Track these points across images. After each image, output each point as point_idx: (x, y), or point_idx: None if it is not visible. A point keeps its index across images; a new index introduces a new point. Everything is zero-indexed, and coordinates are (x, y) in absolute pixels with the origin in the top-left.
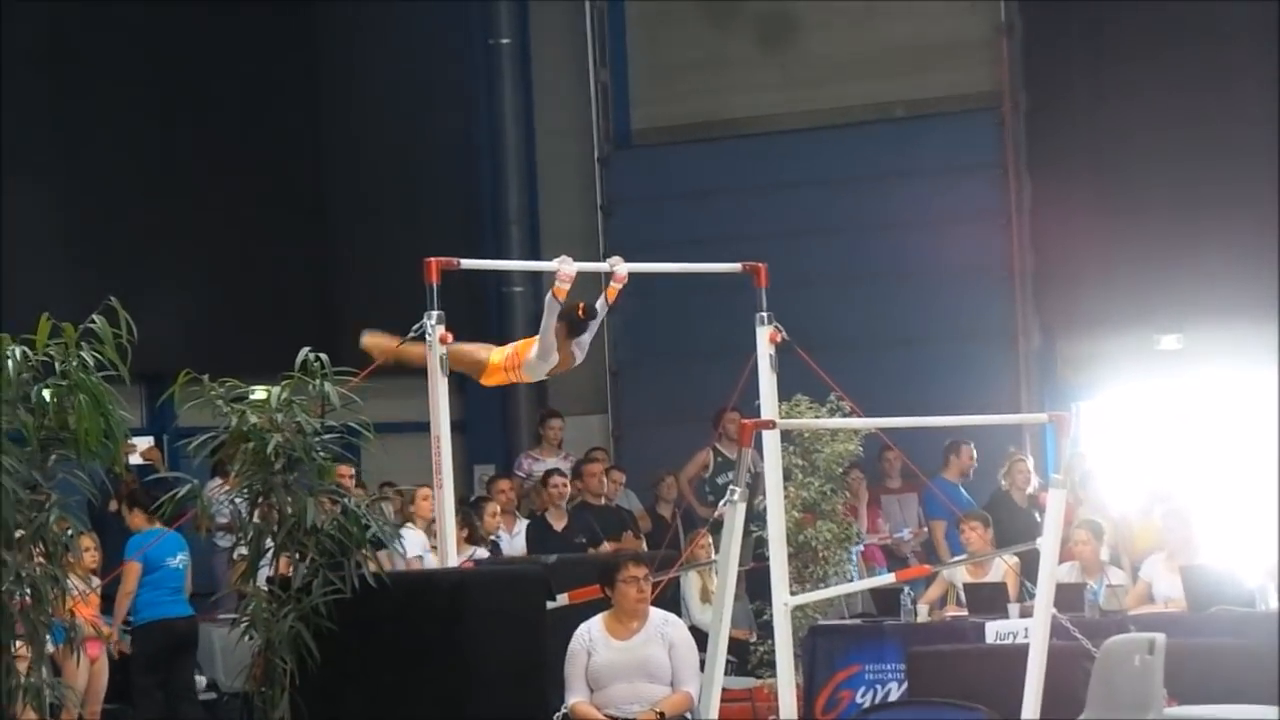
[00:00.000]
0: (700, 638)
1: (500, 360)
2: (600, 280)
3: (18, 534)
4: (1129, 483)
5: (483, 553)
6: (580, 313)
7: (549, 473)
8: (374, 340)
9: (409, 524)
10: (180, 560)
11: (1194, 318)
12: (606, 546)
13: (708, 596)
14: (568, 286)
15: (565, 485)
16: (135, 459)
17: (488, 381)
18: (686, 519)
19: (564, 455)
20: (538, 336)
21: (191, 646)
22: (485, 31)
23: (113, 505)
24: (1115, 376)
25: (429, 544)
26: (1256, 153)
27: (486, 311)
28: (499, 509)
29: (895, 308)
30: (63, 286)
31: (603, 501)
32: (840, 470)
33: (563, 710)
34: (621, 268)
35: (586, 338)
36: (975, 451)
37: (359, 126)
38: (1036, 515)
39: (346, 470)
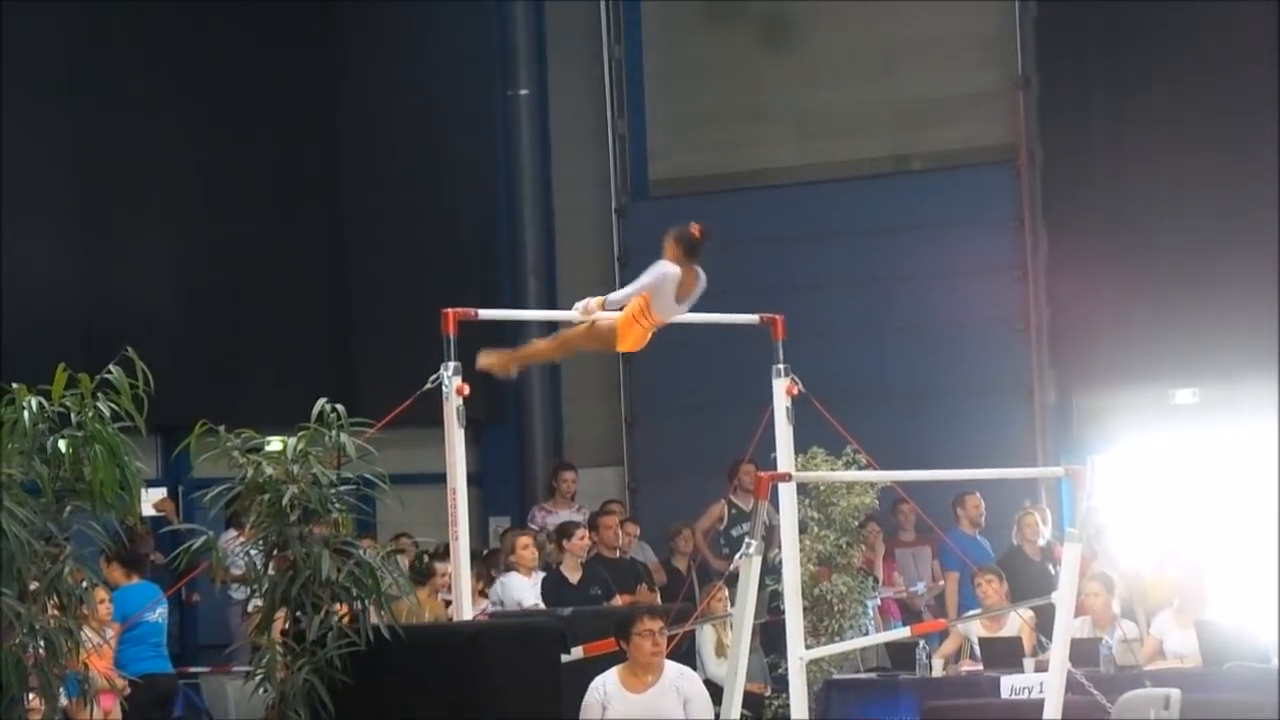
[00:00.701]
0: (715, 691)
1: (626, 315)
2: None
3: (32, 586)
4: (1142, 537)
5: (497, 605)
6: (696, 234)
7: (569, 525)
8: (489, 360)
9: (513, 570)
10: (160, 614)
11: (1210, 372)
12: (621, 600)
13: (723, 650)
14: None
15: (585, 538)
16: (148, 510)
17: (626, 345)
18: (701, 572)
19: (577, 508)
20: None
21: (172, 704)
22: (504, 82)
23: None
24: (1130, 431)
25: (532, 585)
26: (1273, 208)
27: None
28: (534, 552)
29: (911, 361)
30: (80, 337)
31: (617, 554)
32: (856, 523)
33: None
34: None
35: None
36: (982, 501)
37: (378, 175)
38: (1049, 568)
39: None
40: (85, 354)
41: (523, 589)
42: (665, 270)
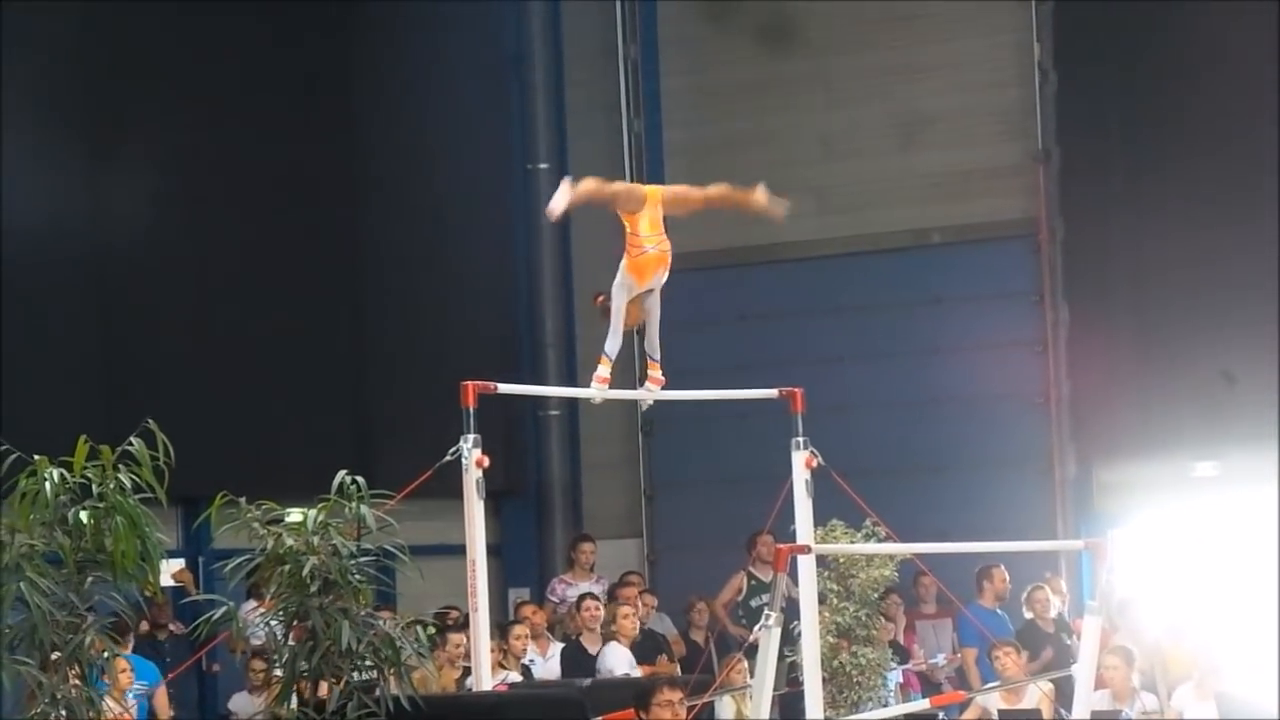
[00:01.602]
0: None
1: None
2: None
3: (54, 655)
4: (1163, 609)
5: (515, 676)
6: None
7: (583, 597)
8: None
9: (614, 640)
10: (139, 689)
11: (1230, 445)
12: (640, 670)
13: None
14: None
15: (599, 609)
16: (166, 581)
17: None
18: (720, 643)
19: (596, 579)
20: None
21: None
22: (524, 156)
23: (144, 627)
24: (1150, 504)
25: (633, 661)
26: None
27: (523, 435)
28: (526, 633)
29: (931, 434)
30: (99, 409)
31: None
32: (876, 595)
33: None
34: (651, 396)
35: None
36: (1007, 575)
37: (399, 248)
38: (1064, 639)
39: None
40: (106, 425)
41: (619, 659)
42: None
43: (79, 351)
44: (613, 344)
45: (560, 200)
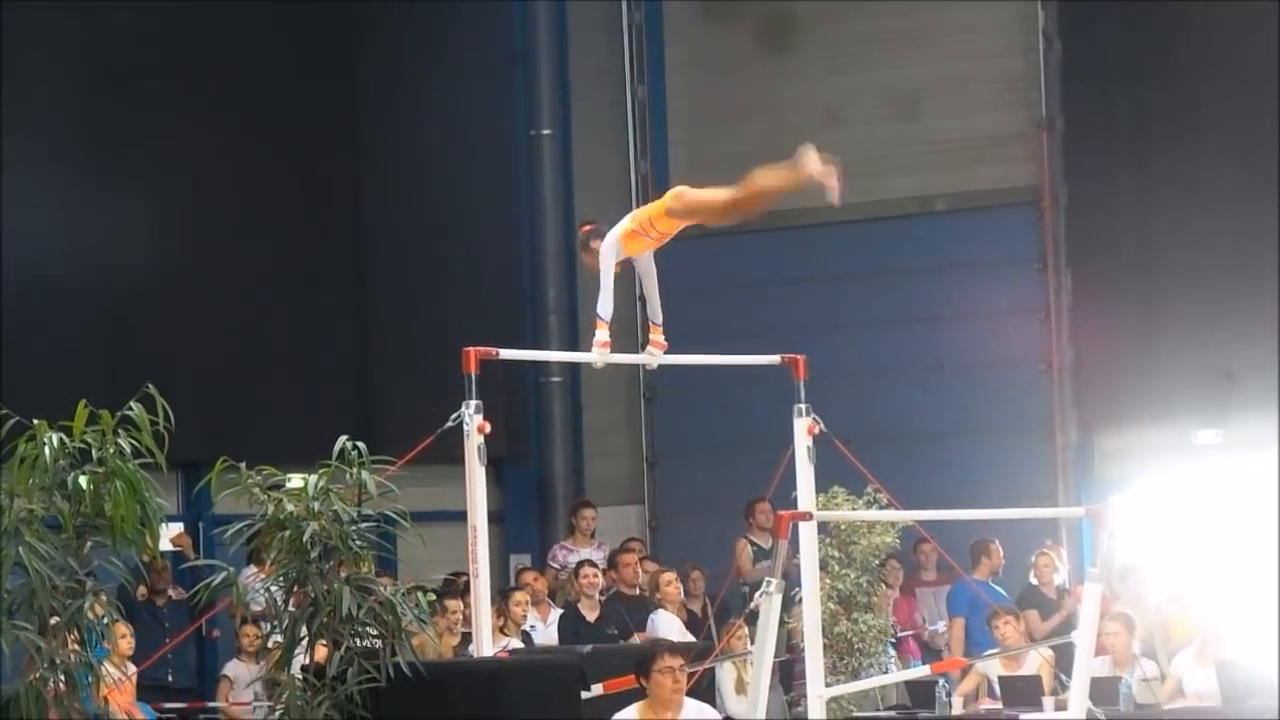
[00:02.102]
0: None
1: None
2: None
3: (53, 621)
4: (1164, 576)
5: (516, 643)
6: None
7: (580, 564)
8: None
9: (661, 608)
10: None
11: (1231, 412)
12: (639, 637)
13: (743, 687)
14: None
15: (596, 576)
16: (165, 545)
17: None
18: (721, 611)
19: (597, 545)
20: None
21: None
22: (527, 123)
23: (142, 592)
24: (1152, 471)
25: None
26: None
27: (525, 402)
28: (527, 599)
29: (933, 401)
30: (99, 374)
31: (636, 592)
32: (877, 562)
33: None
34: (655, 360)
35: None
36: (1000, 549)
37: (400, 214)
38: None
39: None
40: (107, 390)
41: (670, 627)
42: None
43: (79, 316)
44: (605, 306)
45: None
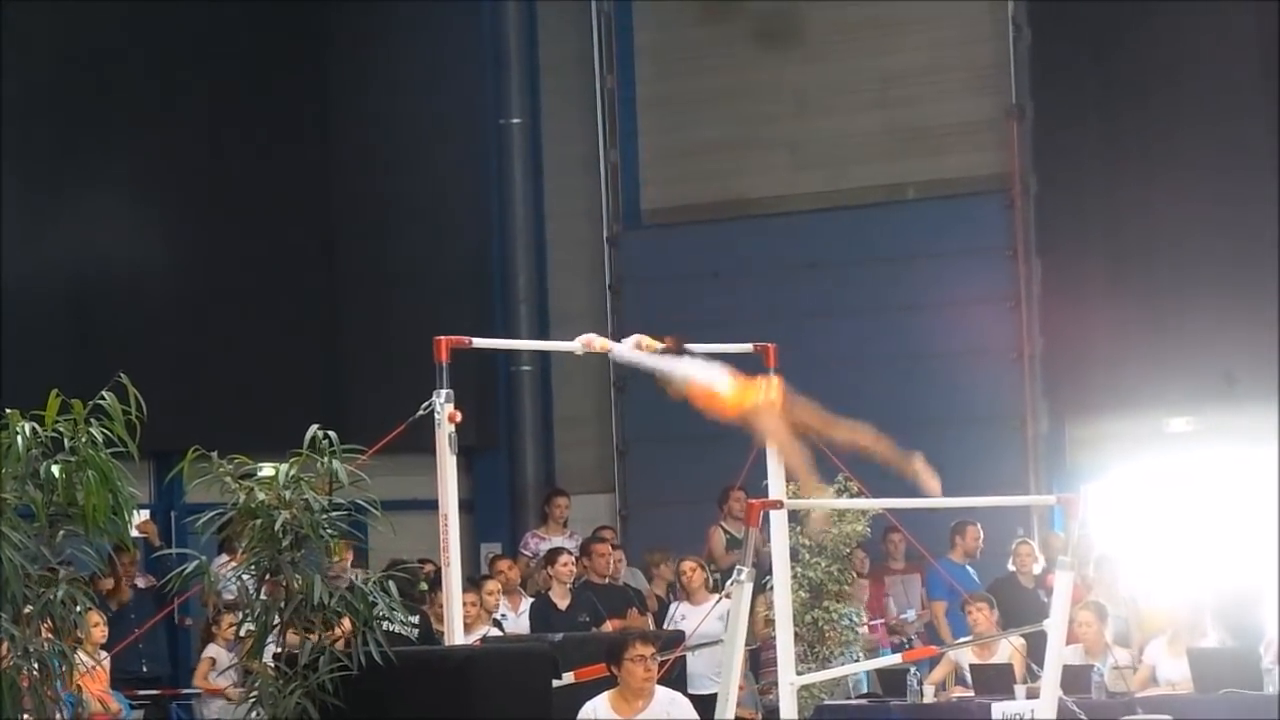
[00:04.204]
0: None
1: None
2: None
3: (26, 609)
4: (1136, 565)
5: (495, 632)
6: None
7: (554, 551)
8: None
9: (685, 602)
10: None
11: (1204, 400)
12: (611, 624)
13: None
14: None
15: (571, 564)
16: (131, 532)
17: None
18: None
19: (569, 534)
20: None
21: None
22: (497, 111)
23: (108, 583)
24: (1124, 459)
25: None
26: (1266, 234)
27: (495, 390)
28: (499, 587)
29: (904, 389)
30: (71, 363)
31: (607, 581)
32: (848, 551)
33: None
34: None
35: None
36: (981, 532)
37: (370, 203)
38: (1042, 596)
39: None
40: (78, 379)
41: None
42: None
43: (50, 306)
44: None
45: None
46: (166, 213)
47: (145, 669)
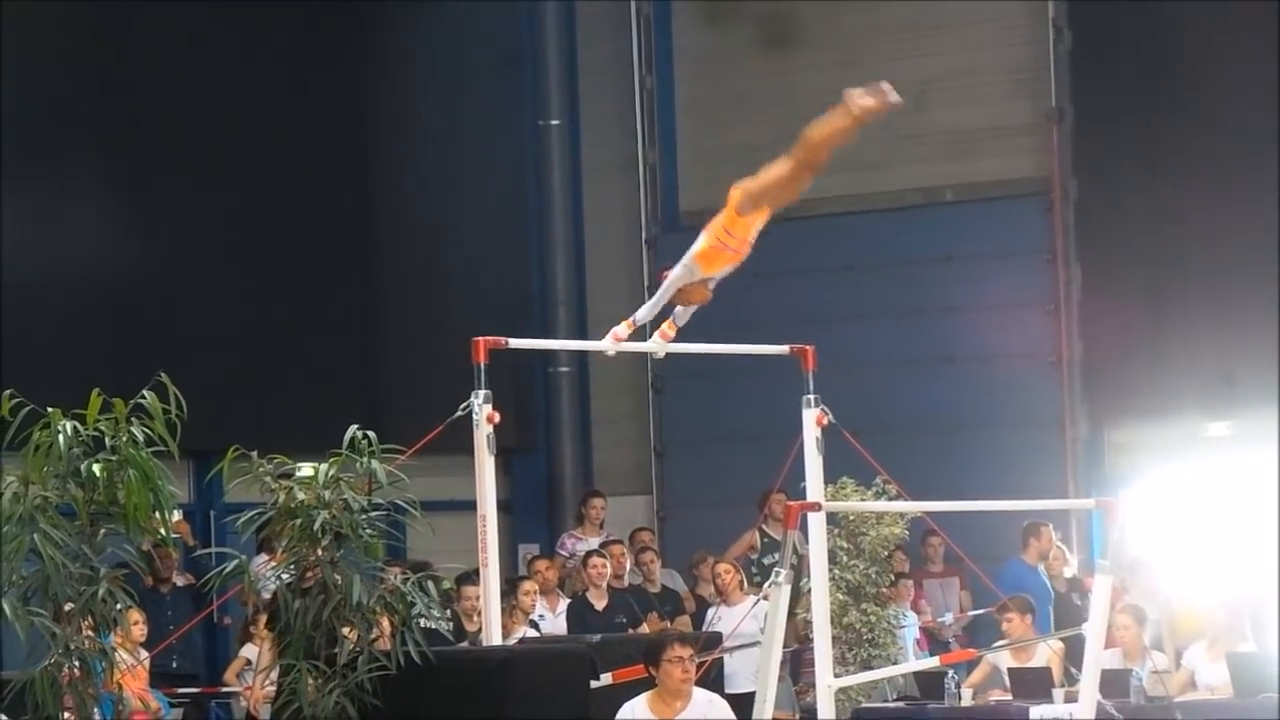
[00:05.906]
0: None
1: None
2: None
3: (67, 607)
4: (1175, 569)
5: (532, 633)
6: None
7: (589, 553)
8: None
9: (723, 605)
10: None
11: (1243, 404)
12: (646, 627)
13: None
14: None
15: (605, 566)
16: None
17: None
18: None
19: (606, 535)
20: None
21: None
22: (535, 113)
23: (148, 581)
24: (1162, 464)
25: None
26: None
27: (533, 391)
28: (536, 588)
29: (942, 392)
30: (112, 363)
31: (624, 584)
32: (885, 554)
33: None
34: (663, 348)
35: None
36: (1055, 535)
37: (408, 203)
38: (1074, 599)
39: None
40: (119, 378)
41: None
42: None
43: (92, 304)
44: (644, 311)
45: None
46: (209, 214)
47: (175, 664)
